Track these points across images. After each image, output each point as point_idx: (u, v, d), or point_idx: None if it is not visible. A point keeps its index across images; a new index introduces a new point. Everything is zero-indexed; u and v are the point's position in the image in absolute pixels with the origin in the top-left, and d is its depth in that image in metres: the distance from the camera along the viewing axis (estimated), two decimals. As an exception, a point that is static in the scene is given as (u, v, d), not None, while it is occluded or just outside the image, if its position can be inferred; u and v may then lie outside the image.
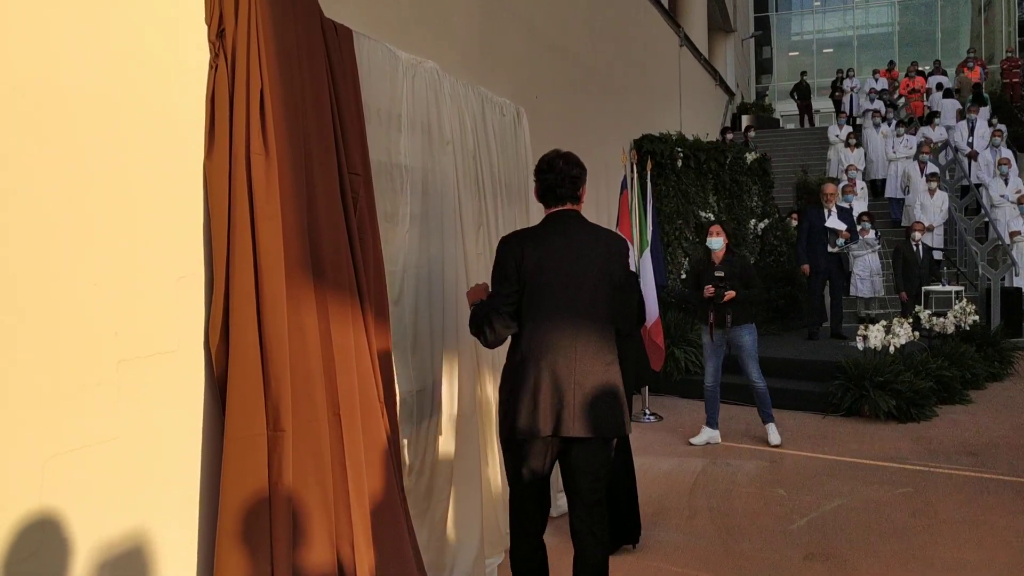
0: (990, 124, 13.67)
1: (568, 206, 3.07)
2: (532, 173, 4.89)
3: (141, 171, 2.21)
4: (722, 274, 5.98)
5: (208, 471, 2.38)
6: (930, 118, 14.71)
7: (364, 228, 2.88)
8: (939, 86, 16.51)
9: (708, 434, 6.50)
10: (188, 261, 2.35)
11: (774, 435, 6.37)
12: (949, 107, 15.46)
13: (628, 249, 3.04)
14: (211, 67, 2.44)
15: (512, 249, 2.94)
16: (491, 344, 2.98)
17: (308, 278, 2.52)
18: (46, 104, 1.94)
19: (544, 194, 3.09)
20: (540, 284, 2.88)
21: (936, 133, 14.04)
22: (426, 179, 3.60)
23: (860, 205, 10.59)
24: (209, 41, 2.44)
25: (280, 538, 2.33)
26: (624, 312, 3.03)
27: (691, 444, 6.43)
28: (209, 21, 2.44)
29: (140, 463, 2.16)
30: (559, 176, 3.02)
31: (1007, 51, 20.05)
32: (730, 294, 5.95)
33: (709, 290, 5.96)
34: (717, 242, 6.12)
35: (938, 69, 18.00)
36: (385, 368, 2.96)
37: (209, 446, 2.39)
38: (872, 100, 16.31)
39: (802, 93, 19.65)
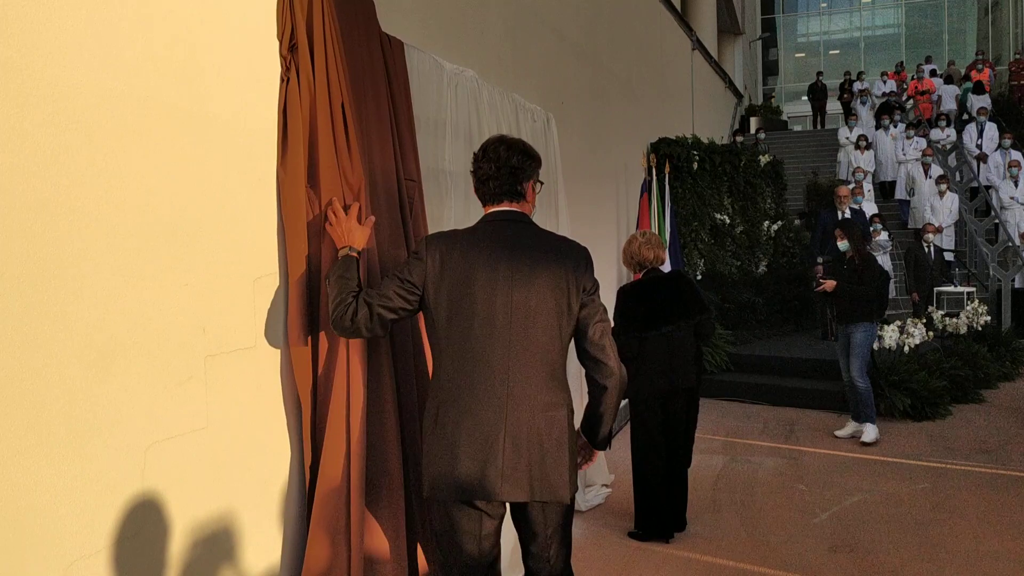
0: (991, 115, 13.98)
1: (506, 205, 2.47)
2: (561, 178, 5.08)
3: (222, 178, 2.36)
4: (820, 262, 6.39)
5: (283, 458, 2.54)
6: (937, 120, 14.84)
7: (418, 231, 3.03)
8: (932, 72, 17.42)
9: (853, 427, 6.66)
10: (264, 263, 2.51)
11: (869, 434, 6.44)
12: (949, 92, 16.36)
13: (588, 262, 2.44)
14: (283, 80, 2.59)
15: (430, 253, 2.36)
16: (343, 329, 2.34)
17: (376, 279, 2.67)
18: (146, 117, 2.10)
19: (477, 188, 2.51)
20: (461, 306, 2.31)
21: (945, 135, 14.17)
22: (468, 184, 3.73)
23: (868, 207, 10.71)
24: (281, 56, 2.59)
25: (355, 526, 2.48)
26: (595, 340, 2.40)
27: (836, 437, 6.63)
28: (281, 37, 2.60)
29: (225, 451, 2.31)
30: (494, 166, 2.43)
31: (1016, 52, 20.15)
32: (828, 283, 6.29)
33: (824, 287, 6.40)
34: (843, 244, 6.43)
35: (929, 61, 18.59)
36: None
37: (283, 436, 2.55)
38: (874, 104, 16.53)
39: (818, 93, 19.78)
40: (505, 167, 2.43)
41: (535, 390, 2.32)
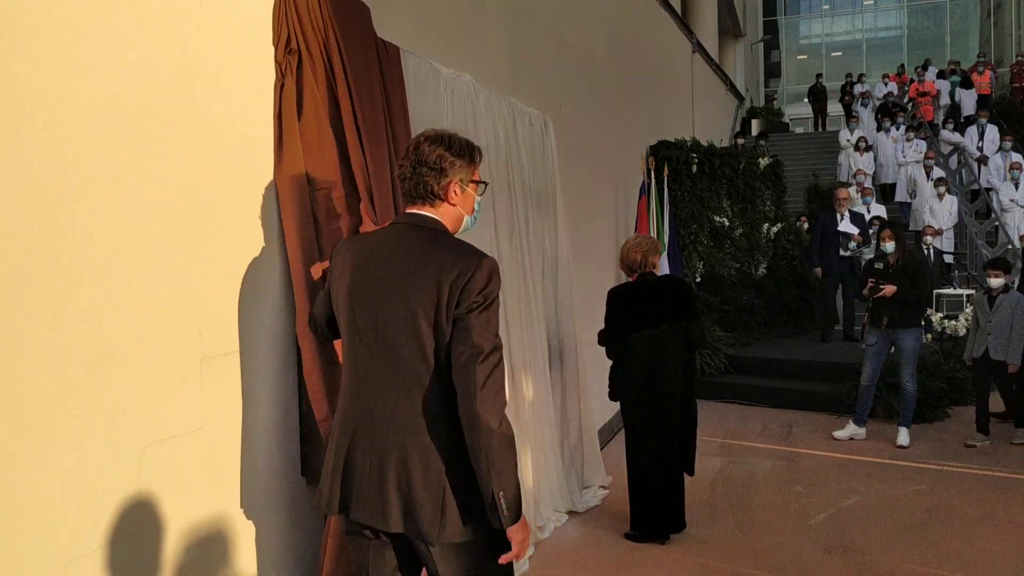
0: (992, 117, 14.05)
1: (418, 207, 2.18)
2: (559, 181, 5.12)
3: (218, 183, 2.40)
4: (880, 265, 6.33)
5: (278, 459, 2.57)
6: (945, 122, 14.88)
7: (413, 235, 3.06)
8: (925, 66, 17.92)
9: (852, 430, 6.65)
10: (260, 266, 2.54)
11: (904, 437, 6.42)
12: (944, 87, 16.81)
13: (478, 274, 2.01)
14: (277, 85, 2.62)
15: (334, 259, 2.24)
16: None
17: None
18: (144, 123, 2.13)
19: (400, 187, 2.24)
20: (347, 316, 2.15)
21: (956, 136, 14.15)
22: (464, 188, 3.77)
23: (876, 209, 10.70)
24: (276, 61, 2.63)
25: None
26: (457, 365, 1.98)
27: (834, 438, 6.59)
28: (277, 42, 2.63)
29: (220, 452, 2.35)
30: (410, 164, 2.15)
31: (1017, 55, 20.14)
32: (889, 288, 6.16)
33: (866, 290, 6.30)
34: (890, 246, 6.35)
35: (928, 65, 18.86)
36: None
37: (277, 437, 2.58)
38: (876, 106, 16.56)
39: (817, 95, 19.81)
40: (422, 165, 2.14)
41: (405, 412, 2.04)
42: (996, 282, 6.31)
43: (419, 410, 2.04)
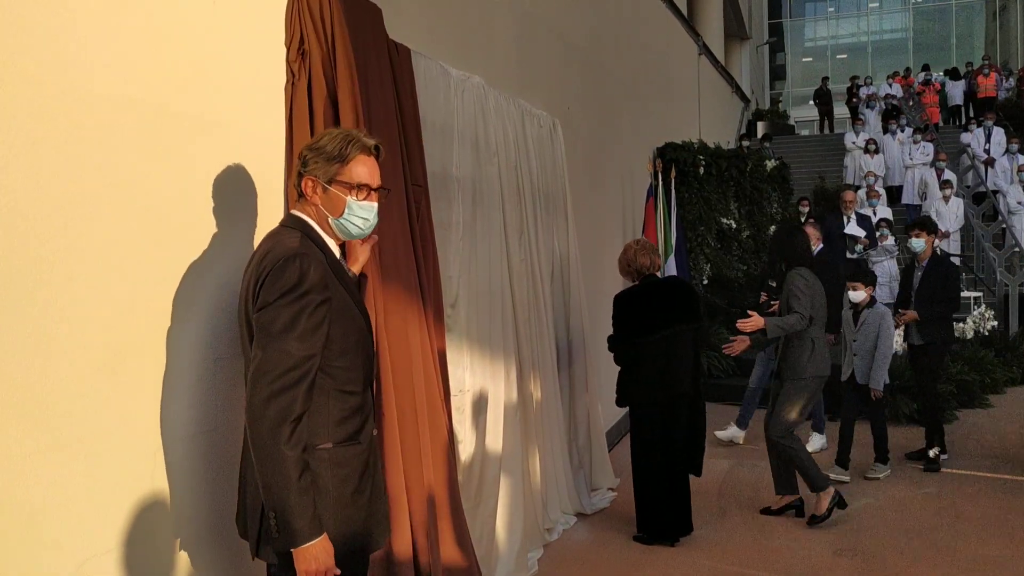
0: (998, 119, 14.07)
1: (295, 205, 2.11)
2: (567, 182, 5.12)
3: (232, 185, 2.40)
4: (773, 284, 6.17)
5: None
6: (967, 124, 14.89)
7: (425, 236, 3.06)
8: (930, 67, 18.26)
9: (732, 432, 6.71)
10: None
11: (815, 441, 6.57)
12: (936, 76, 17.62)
13: (272, 270, 1.89)
14: (288, 86, 2.63)
15: None
16: None
17: (388, 285, 2.71)
18: (157, 124, 2.14)
19: None
20: None
21: (973, 137, 14.12)
22: (475, 189, 3.78)
23: (884, 211, 10.65)
24: (287, 63, 2.63)
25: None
26: (252, 379, 1.84)
27: (716, 438, 6.60)
28: (289, 44, 2.64)
29: (234, 452, 2.34)
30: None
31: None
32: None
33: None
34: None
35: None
36: (443, 369, 3.15)
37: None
38: (882, 108, 16.55)
39: (823, 98, 19.83)
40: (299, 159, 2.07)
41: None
42: (856, 296, 5.54)
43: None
